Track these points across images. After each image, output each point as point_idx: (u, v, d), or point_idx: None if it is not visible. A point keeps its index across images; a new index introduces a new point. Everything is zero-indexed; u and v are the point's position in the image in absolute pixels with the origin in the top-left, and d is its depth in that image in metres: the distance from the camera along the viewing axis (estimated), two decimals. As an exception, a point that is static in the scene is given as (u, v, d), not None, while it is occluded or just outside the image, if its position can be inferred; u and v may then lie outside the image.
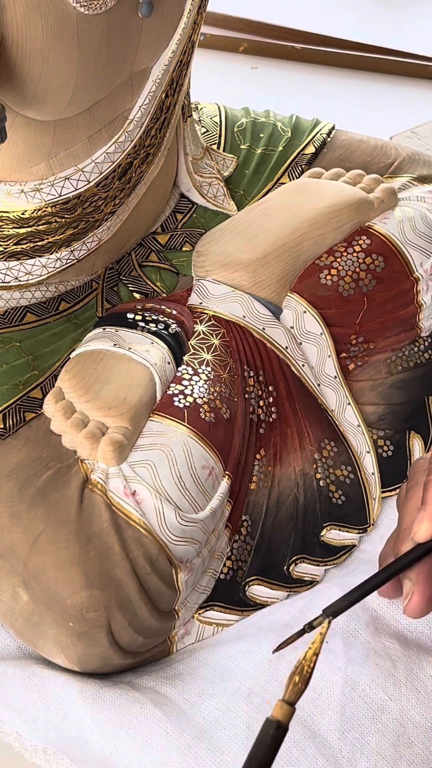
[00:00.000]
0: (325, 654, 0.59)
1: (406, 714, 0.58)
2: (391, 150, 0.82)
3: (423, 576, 0.55)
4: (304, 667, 0.46)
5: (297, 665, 0.46)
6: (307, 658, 0.46)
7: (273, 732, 0.44)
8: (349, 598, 0.53)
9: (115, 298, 0.72)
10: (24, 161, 0.63)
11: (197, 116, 0.81)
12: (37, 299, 0.69)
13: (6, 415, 0.64)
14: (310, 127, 0.82)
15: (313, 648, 0.46)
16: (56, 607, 0.58)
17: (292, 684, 0.45)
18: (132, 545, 0.59)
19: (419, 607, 0.55)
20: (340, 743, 0.56)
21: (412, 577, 0.56)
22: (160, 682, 0.60)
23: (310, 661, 0.46)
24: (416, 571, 0.55)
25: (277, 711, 0.45)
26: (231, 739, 0.56)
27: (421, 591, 0.55)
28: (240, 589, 0.65)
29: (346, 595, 0.53)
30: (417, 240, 0.74)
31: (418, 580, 0.55)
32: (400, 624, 0.62)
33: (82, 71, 0.58)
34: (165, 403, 0.64)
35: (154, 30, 0.62)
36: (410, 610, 0.55)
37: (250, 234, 0.72)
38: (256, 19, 1.27)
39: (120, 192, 0.68)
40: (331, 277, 0.71)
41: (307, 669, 0.46)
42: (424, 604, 0.55)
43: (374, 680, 0.58)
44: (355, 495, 0.70)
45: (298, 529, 0.67)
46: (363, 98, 1.18)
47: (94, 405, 0.63)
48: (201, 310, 0.70)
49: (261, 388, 0.68)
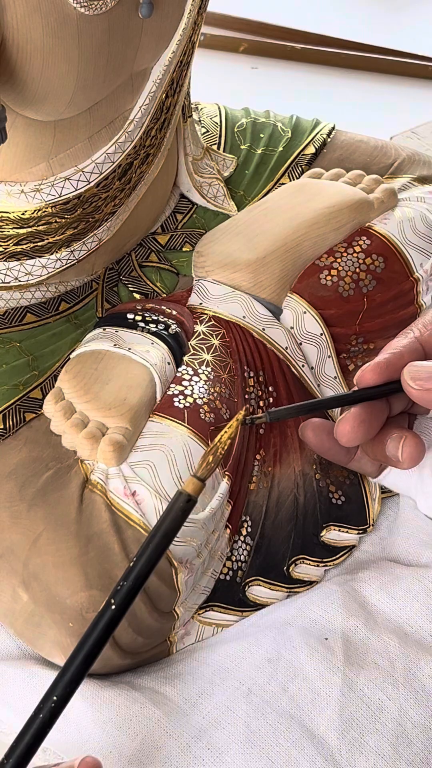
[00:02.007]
0: (324, 654, 0.59)
1: (404, 714, 0.58)
2: (391, 150, 0.82)
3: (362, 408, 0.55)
4: (218, 448, 0.48)
5: (212, 446, 0.48)
6: (222, 440, 0.48)
7: (183, 504, 0.46)
8: (297, 408, 0.55)
9: (115, 298, 0.72)
10: (24, 161, 0.63)
11: (197, 116, 0.81)
12: (37, 299, 0.69)
13: (6, 415, 0.64)
14: (310, 128, 0.82)
15: (228, 432, 0.48)
16: (56, 607, 0.58)
17: (205, 463, 0.48)
18: (132, 545, 0.59)
19: (345, 431, 0.54)
20: (339, 743, 0.57)
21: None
22: (159, 682, 0.60)
23: (224, 444, 0.48)
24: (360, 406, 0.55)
25: (188, 485, 0.47)
26: (230, 739, 0.57)
27: (356, 414, 0.54)
28: (240, 590, 0.65)
29: (295, 406, 0.55)
30: (417, 240, 0.74)
31: (356, 408, 0.55)
32: (400, 619, 0.62)
33: (82, 71, 0.58)
34: (165, 404, 0.64)
35: (155, 30, 0.62)
36: (339, 433, 0.54)
37: (250, 234, 0.72)
38: (256, 19, 1.27)
39: (120, 192, 0.68)
40: (331, 278, 0.71)
41: (221, 450, 0.48)
42: (357, 424, 0.54)
43: (373, 680, 0.59)
44: (355, 495, 0.70)
45: (298, 530, 0.67)
46: (363, 98, 1.18)
47: (94, 405, 0.63)
48: (201, 310, 0.70)
49: (261, 389, 0.68)
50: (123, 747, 0.57)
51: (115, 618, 0.46)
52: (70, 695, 0.46)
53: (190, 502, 0.47)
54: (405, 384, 0.53)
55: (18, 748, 0.46)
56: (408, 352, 0.54)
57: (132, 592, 0.46)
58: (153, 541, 0.46)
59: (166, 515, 0.47)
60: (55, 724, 0.46)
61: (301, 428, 0.57)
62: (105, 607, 0.46)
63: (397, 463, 0.55)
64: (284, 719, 0.57)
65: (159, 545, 0.46)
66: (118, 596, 0.46)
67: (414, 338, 0.55)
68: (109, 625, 0.46)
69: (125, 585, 0.46)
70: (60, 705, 0.46)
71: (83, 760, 0.48)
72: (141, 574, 0.46)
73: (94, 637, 0.46)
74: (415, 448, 0.54)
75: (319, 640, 0.60)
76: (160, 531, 0.46)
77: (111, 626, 0.46)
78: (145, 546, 0.46)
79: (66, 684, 0.46)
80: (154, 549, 0.46)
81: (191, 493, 0.47)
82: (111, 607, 0.46)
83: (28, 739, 0.46)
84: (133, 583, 0.46)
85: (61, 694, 0.46)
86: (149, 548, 0.46)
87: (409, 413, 0.58)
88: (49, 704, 0.46)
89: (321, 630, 0.61)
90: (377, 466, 0.58)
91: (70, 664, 0.46)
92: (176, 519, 0.47)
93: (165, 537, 0.46)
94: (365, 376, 0.54)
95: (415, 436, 0.54)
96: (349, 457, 0.58)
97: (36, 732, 0.46)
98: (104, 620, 0.46)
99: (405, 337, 0.55)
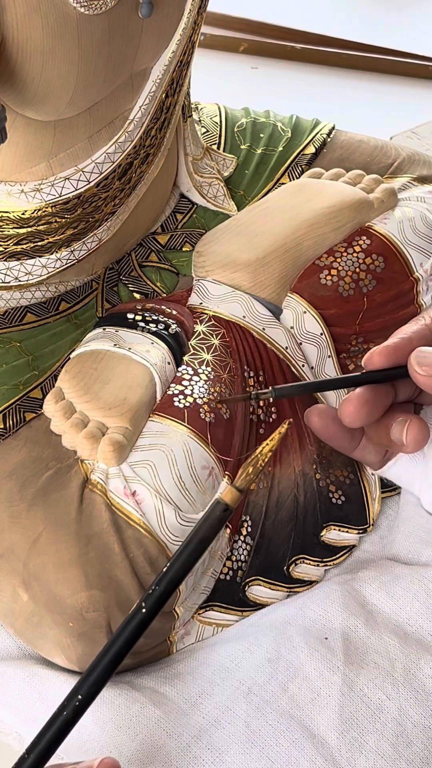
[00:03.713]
0: (324, 654, 0.59)
1: (404, 713, 0.58)
2: (391, 150, 0.82)
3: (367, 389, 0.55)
4: (258, 460, 0.48)
5: (252, 457, 0.48)
6: (263, 453, 0.48)
7: (220, 513, 0.47)
8: (302, 387, 0.57)
9: (115, 298, 0.72)
10: (24, 161, 0.63)
11: (197, 116, 0.81)
12: (37, 299, 0.69)
13: (6, 415, 0.64)
14: (310, 128, 0.82)
15: (270, 445, 0.49)
16: (56, 607, 0.58)
17: (245, 473, 0.48)
18: (132, 545, 0.59)
19: (348, 411, 0.54)
20: (339, 743, 0.57)
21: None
22: (159, 681, 0.60)
23: (265, 456, 0.48)
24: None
25: (226, 495, 0.47)
26: (230, 739, 0.57)
27: (360, 394, 0.54)
28: (240, 590, 0.65)
29: (300, 384, 0.55)
30: (417, 240, 0.74)
31: (360, 389, 0.55)
32: (400, 618, 0.62)
33: (82, 71, 0.58)
34: (165, 404, 0.64)
35: (155, 30, 0.62)
36: (343, 413, 0.54)
37: (250, 234, 0.72)
38: (256, 19, 1.27)
39: (120, 192, 0.68)
40: (331, 278, 0.71)
41: (261, 463, 0.48)
42: (360, 405, 0.54)
43: (373, 680, 0.59)
44: (355, 495, 0.70)
45: (298, 530, 0.67)
46: (363, 98, 1.18)
47: (94, 405, 0.63)
48: (201, 310, 0.70)
49: (261, 388, 0.68)
50: (123, 747, 0.57)
51: (145, 621, 0.46)
52: (95, 695, 0.47)
53: (227, 511, 0.47)
54: (411, 369, 0.53)
55: (39, 744, 0.46)
56: (418, 338, 0.54)
57: (163, 597, 0.46)
58: (188, 547, 0.47)
59: (202, 522, 0.47)
60: (78, 722, 0.46)
61: (307, 413, 0.57)
62: (135, 609, 0.46)
63: (401, 447, 0.55)
64: (284, 719, 0.57)
65: (194, 551, 0.47)
66: (149, 600, 0.46)
67: (425, 325, 0.55)
68: (138, 627, 0.46)
69: (157, 589, 0.46)
70: (84, 704, 0.46)
71: (102, 760, 0.48)
72: (174, 579, 0.46)
73: (123, 639, 0.46)
74: (419, 431, 0.54)
75: (319, 639, 0.60)
76: (196, 537, 0.47)
77: (140, 629, 0.46)
78: (180, 552, 0.47)
79: (92, 683, 0.46)
80: (189, 555, 0.47)
81: (229, 503, 0.47)
82: (141, 610, 0.46)
83: (50, 736, 0.46)
84: (165, 588, 0.46)
85: (87, 693, 0.46)
86: (184, 554, 0.47)
87: (415, 402, 0.58)
88: (74, 702, 0.46)
89: (321, 630, 0.61)
90: (381, 457, 0.58)
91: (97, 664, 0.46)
92: (213, 527, 0.47)
93: (200, 543, 0.47)
94: (373, 358, 0.54)
95: (420, 420, 0.54)
96: (353, 445, 0.58)
97: (58, 729, 0.46)
98: (134, 623, 0.46)
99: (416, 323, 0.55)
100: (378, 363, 0.54)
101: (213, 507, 0.47)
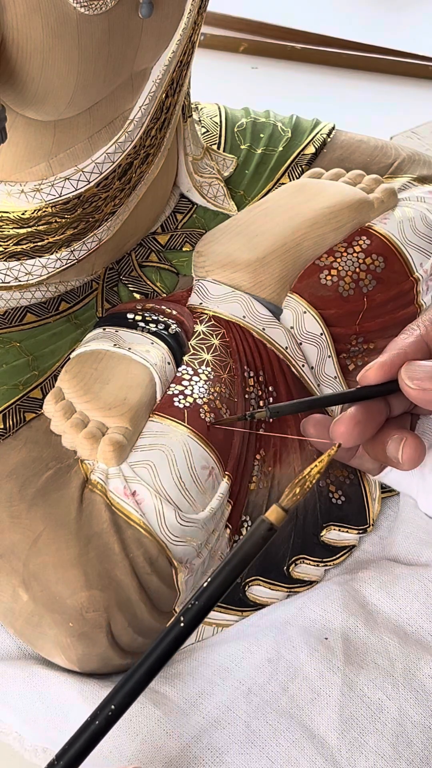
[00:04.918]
0: (324, 654, 0.59)
1: (404, 713, 0.58)
2: (391, 150, 0.82)
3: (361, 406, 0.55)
4: (306, 481, 0.48)
5: (300, 478, 0.48)
6: (312, 474, 0.48)
7: (264, 532, 0.47)
8: (296, 405, 0.57)
9: (115, 298, 0.72)
10: (24, 161, 0.63)
11: (197, 116, 0.81)
12: (37, 299, 0.69)
13: (6, 415, 0.64)
14: (310, 128, 0.82)
15: (319, 467, 0.49)
16: (56, 607, 0.58)
17: (292, 493, 0.48)
18: (132, 545, 0.59)
19: (340, 432, 0.54)
20: (339, 743, 0.57)
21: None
22: (159, 681, 0.60)
23: (313, 478, 0.48)
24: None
25: (271, 514, 0.47)
26: (230, 739, 0.57)
27: (351, 415, 0.54)
28: (240, 590, 0.65)
29: (294, 402, 0.56)
30: (417, 240, 0.74)
31: (352, 409, 0.55)
32: (400, 618, 0.62)
33: (82, 71, 0.58)
34: (165, 404, 0.64)
35: (155, 30, 0.62)
36: (335, 434, 0.55)
37: (250, 234, 0.72)
38: (256, 19, 1.27)
39: (120, 192, 0.68)
40: (331, 278, 0.71)
41: (309, 484, 0.48)
42: (352, 426, 0.54)
43: (373, 680, 0.59)
44: (355, 495, 0.70)
45: (298, 530, 0.67)
46: (363, 98, 1.18)
47: (94, 405, 0.63)
48: (201, 310, 0.70)
49: (261, 389, 0.68)
50: (123, 747, 0.57)
51: (182, 635, 0.46)
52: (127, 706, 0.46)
53: (272, 530, 0.47)
54: (402, 383, 0.53)
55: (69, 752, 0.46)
56: (413, 351, 0.54)
57: (202, 612, 0.46)
58: (230, 564, 0.47)
59: (246, 540, 0.47)
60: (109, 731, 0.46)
61: (303, 424, 0.57)
62: (174, 623, 0.46)
63: (397, 464, 0.55)
64: (284, 719, 0.57)
65: (235, 568, 0.47)
66: (188, 614, 0.46)
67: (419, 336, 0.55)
68: (175, 641, 0.46)
69: (196, 604, 0.46)
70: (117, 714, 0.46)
71: None
72: (214, 595, 0.46)
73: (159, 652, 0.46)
74: (414, 450, 0.54)
75: (319, 639, 0.60)
76: (239, 555, 0.47)
77: (178, 643, 0.46)
78: (222, 568, 0.47)
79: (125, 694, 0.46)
80: (230, 571, 0.47)
81: (273, 522, 0.47)
82: (180, 624, 0.46)
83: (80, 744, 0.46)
84: (204, 603, 0.46)
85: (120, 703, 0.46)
86: (225, 570, 0.47)
87: (412, 413, 0.58)
88: (106, 712, 0.46)
89: (321, 630, 0.61)
90: (378, 464, 0.58)
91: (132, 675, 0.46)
92: (256, 545, 0.47)
93: (242, 561, 0.47)
94: (368, 375, 0.54)
95: (416, 438, 0.54)
96: (350, 454, 0.58)
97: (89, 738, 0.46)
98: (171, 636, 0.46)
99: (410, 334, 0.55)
100: (373, 380, 0.54)
101: (258, 525, 0.47)
